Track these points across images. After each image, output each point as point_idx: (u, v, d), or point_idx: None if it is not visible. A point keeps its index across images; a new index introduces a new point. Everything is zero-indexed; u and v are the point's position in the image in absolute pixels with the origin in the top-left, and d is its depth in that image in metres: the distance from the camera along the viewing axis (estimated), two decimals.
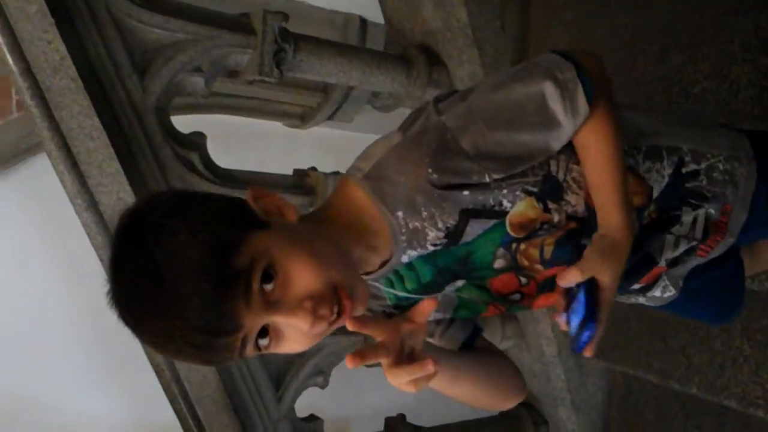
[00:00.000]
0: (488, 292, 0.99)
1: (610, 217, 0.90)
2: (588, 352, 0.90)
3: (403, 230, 0.89)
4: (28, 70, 1.36)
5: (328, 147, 2.74)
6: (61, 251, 2.43)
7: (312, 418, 1.93)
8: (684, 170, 1.01)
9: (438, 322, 1.02)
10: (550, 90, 0.86)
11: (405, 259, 0.92)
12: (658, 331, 2.06)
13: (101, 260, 1.51)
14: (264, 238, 0.79)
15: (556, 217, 0.92)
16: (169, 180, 1.54)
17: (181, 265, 0.74)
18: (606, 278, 0.88)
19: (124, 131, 1.48)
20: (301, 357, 1.82)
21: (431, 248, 0.91)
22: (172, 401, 1.66)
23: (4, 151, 2.49)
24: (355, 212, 0.90)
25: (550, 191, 0.92)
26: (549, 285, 0.98)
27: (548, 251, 0.95)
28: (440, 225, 0.89)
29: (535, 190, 0.90)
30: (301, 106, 2.79)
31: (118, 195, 1.46)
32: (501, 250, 0.94)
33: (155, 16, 1.49)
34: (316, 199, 1.81)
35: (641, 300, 1.15)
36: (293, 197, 1.76)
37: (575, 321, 0.89)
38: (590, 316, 0.88)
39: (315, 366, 1.84)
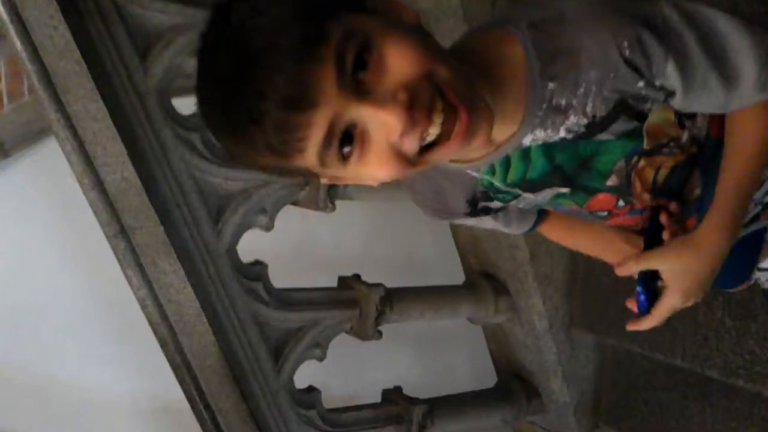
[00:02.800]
0: (579, 205, 0.96)
1: (717, 216, 0.87)
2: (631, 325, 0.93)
3: (545, 105, 0.79)
4: (35, 54, 1.42)
5: None
6: (70, 231, 2.50)
7: (310, 389, 2.00)
8: None
9: (472, 214, 0.99)
10: (752, 52, 0.80)
11: (527, 141, 0.83)
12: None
13: (107, 237, 1.58)
14: (366, 20, 0.69)
15: (684, 135, 0.88)
16: (171, 160, 1.61)
17: (261, 18, 0.66)
18: (672, 285, 0.87)
19: (127, 113, 1.54)
20: (298, 330, 1.89)
21: (562, 134, 0.83)
22: (176, 371, 1.73)
23: (18, 134, 2.54)
24: (497, 62, 0.78)
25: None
26: (638, 211, 0.96)
27: (662, 174, 0.91)
28: (588, 110, 0.80)
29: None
30: None
31: (122, 174, 1.52)
32: (622, 162, 0.88)
33: (155, 0, 1.55)
34: None
35: None
36: None
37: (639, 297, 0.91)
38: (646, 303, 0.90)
39: (313, 339, 1.91)
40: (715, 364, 1.98)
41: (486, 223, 1.05)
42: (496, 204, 0.98)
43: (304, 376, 1.97)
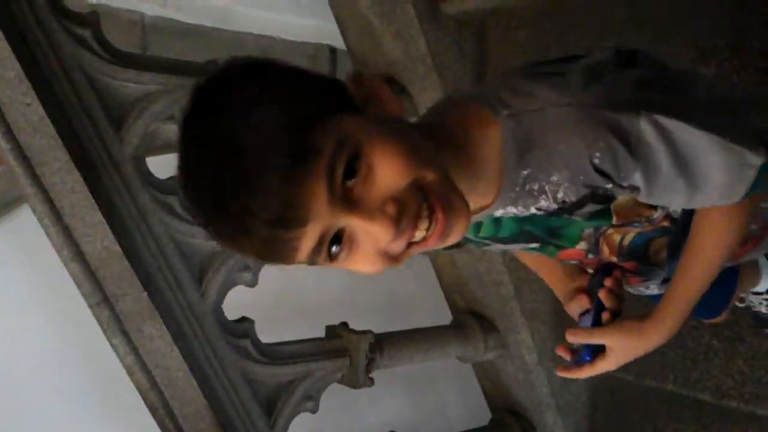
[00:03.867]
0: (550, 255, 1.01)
1: (667, 308, 0.96)
2: (559, 370, 1.06)
3: (517, 188, 0.82)
4: (9, 132, 1.42)
5: None
6: (51, 299, 2.47)
7: None
8: None
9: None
10: (726, 164, 0.80)
11: (499, 213, 0.86)
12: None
13: (90, 306, 1.57)
14: (354, 122, 0.69)
15: (656, 213, 0.91)
16: (150, 225, 1.61)
17: (249, 132, 0.65)
18: (613, 356, 0.98)
19: (104, 183, 1.55)
20: (289, 384, 1.89)
21: (532, 211, 0.86)
22: None
23: None
24: (472, 143, 0.80)
25: None
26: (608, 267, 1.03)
27: (628, 239, 0.96)
28: (559, 197, 0.83)
29: None
30: None
31: (102, 243, 1.53)
32: (590, 230, 0.93)
33: (127, 71, 1.56)
34: None
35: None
36: None
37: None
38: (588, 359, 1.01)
39: (305, 391, 1.90)
40: (707, 387, 1.99)
41: None
42: (466, 245, 1.03)
43: (298, 426, 1.95)
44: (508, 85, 0.81)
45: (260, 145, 0.64)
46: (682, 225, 0.94)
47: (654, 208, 0.91)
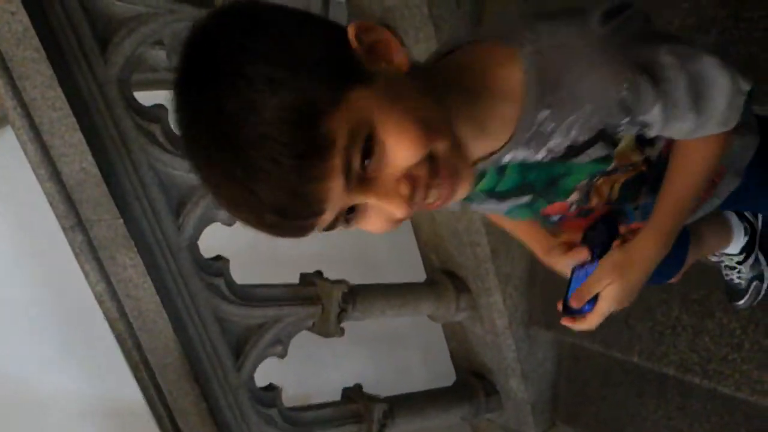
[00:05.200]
0: (534, 215, 1.02)
1: (652, 234, 0.96)
2: (567, 321, 1.02)
3: (533, 129, 0.81)
4: None
5: None
6: (22, 227, 2.43)
7: (270, 387, 1.98)
8: None
9: None
10: (726, 97, 0.84)
11: (507, 158, 0.85)
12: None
13: (63, 229, 1.53)
14: (365, 98, 0.66)
15: (636, 157, 0.94)
16: (131, 151, 1.57)
17: (258, 125, 0.62)
18: (613, 290, 0.96)
19: (86, 102, 1.50)
20: (260, 327, 1.87)
21: (542, 154, 0.86)
22: (134, 369, 1.69)
23: None
24: (491, 82, 0.79)
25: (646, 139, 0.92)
26: (586, 214, 1.04)
27: (616, 189, 0.98)
28: (572, 134, 0.83)
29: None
30: None
31: (80, 165, 1.48)
32: (585, 181, 0.94)
33: None
34: None
35: None
36: None
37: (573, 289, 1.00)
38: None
39: (274, 336, 1.88)
40: (672, 361, 2.01)
41: None
42: (454, 206, 1.01)
43: (263, 374, 1.94)
44: (527, 25, 0.79)
45: (272, 139, 0.62)
46: (659, 173, 0.97)
47: (642, 151, 0.93)
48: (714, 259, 1.75)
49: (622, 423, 2.30)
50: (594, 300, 0.98)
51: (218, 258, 1.81)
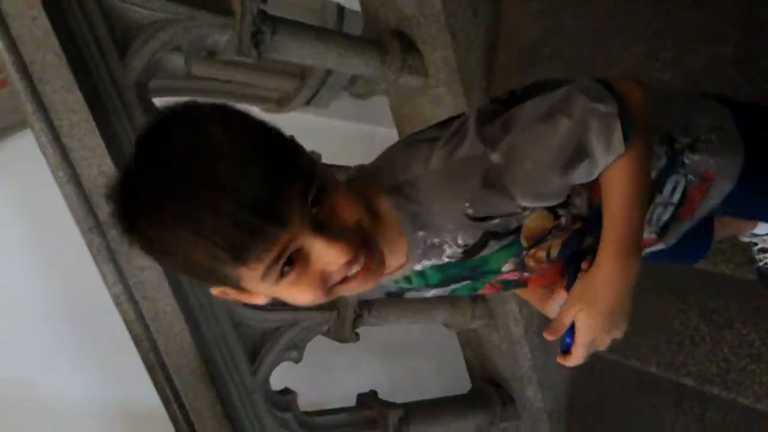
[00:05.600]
0: (484, 287, 1.06)
1: (606, 254, 0.93)
2: (559, 358, 1.01)
3: (421, 246, 0.92)
4: (12, 45, 1.39)
5: (304, 133, 2.79)
6: (39, 230, 2.45)
7: (286, 391, 1.98)
8: (677, 146, 1.05)
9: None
10: (593, 126, 0.85)
11: (418, 267, 0.96)
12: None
13: (82, 231, 1.55)
14: (318, 167, 0.79)
15: (564, 221, 0.96)
16: None
17: (241, 145, 0.73)
18: (582, 317, 0.93)
19: (105, 106, 1.52)
20: (276, 331, 1.88)
21: (446, 260, 0.95)
22: (151, 371, 1.70)
23: None
24: (378, 214, 0.90)
25: (560, 204, 0.94)
26: (544, 271, 1.04)
27: (555, 251, 0.99)
28: (460, 242, 0.92)
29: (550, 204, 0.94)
30: (278, 91, 2.82)
31: (99, 168, 1.50)
32: (513, 260, 0.97)
33: None
34: None
35: None
36: None
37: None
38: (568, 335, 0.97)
39: (290, 340, 1.89)
40: (690, 371, 1.99)
41: None
42: (409, 295, 1.07)
43: (278, 379, 1.95)
44: (393, 159, 0.94)
45: (245, 152, 0.72)
46: (598, 220, 0.95)
47: (557, 217, 0.95)
48: (745, 239, 1.70)
49: None
50: (570, 334, 0.97)
51: None
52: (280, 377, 1.95)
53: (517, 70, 2.14)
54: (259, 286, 0.78)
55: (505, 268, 0.99)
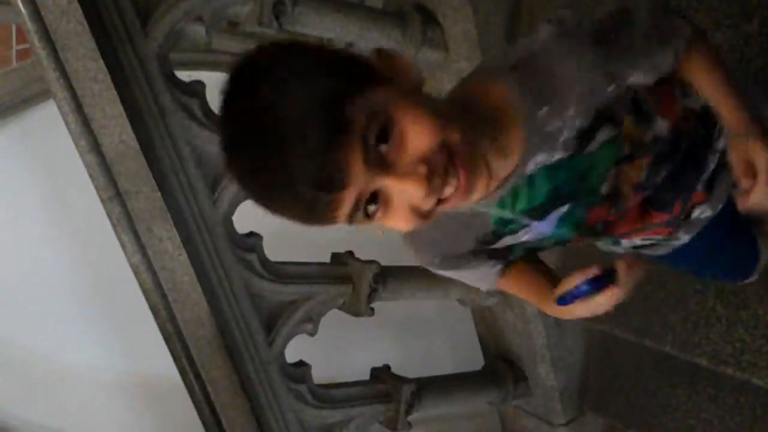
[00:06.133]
0: (580, 226, 1.05)
1: (731, 110, 1.02)
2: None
3: (540, 130, 0.90)
4: (36, 13, 1.40)
5: None
6: (58, 201, 2.47)
7: (300, 363, 2.00)
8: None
9: (475, 254, 1.07)
10: (650, 42, 0.95)
11: (531, 167, 0.92)
12: (638, 289, 2.14)
13: (102, 200, 1.56)
14: (384, 92, 0.75)
15: (645, 138, 1.00)
16: (170, 125, 1.59)
17: (288, 106, 0.71)
18: (756, 155, 0.99)
19: (127, 76, 1.53)
20: (291, 304, 1.89)
21: (560, 153, 0.93)
22: (167, 340, 1.72)
23: (4, 101, 2.52)
24: (490, 106, 0.88)
25: (643, 116, 0.99)
26: (626, 214, 1.08)
27: (643, 175, 1.03)
28: (577, 124, 0.91)
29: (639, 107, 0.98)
30: None
31: (120, 137, 1.51)
32: (612, 172, 0.99)
33: None
34: None
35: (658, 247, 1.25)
36: None
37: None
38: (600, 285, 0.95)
39: (306, 313, 1.90)
40: (705, 351, 1.99)
41: (458, 274, 1.15)
42: (504, 242, 1.05)
43: (293, 351, 1.96)
44: (500, 55, 0.94)
45: (300, 117, 0.70)
46: (672, 149, 1.04)
47: (645, 129, 1.00)
48: None
49: (652, 413, 2.28)
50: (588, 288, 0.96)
51: (252, 234, 1.83)
52: (294, 350, 1.96)
53: None
54: (356, 224, 0.79)
55: (604, 188, 1.00)
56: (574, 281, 0.96)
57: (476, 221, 1.00)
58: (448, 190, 0.78)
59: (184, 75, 1.71)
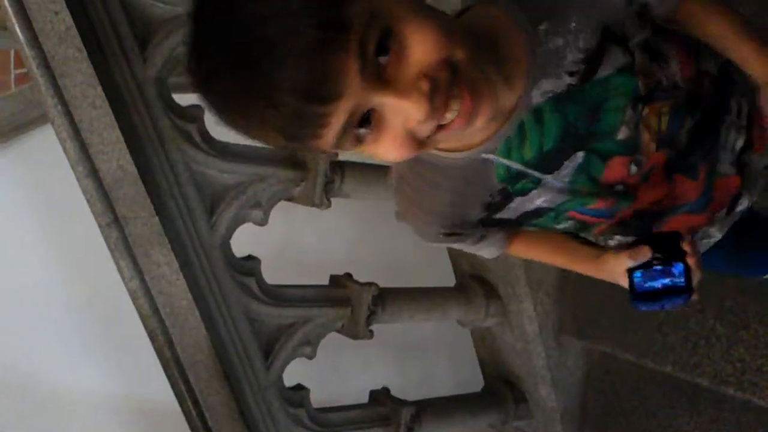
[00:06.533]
0: (598, 184, 0.96)
1: (757, 56, 0.98)
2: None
3: (542, 48, 0.84)
4: (35, 39, 1.40)
5: None
6: (55, 226, 2.46)
7: (299, 387, 1.99)
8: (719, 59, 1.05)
9: (476, 225, 1.01)
10: None
11: (537, 97, 0.86)
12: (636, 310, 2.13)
13: (100, 226, 1.56)
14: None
15: (664, 80, 0.93)
16: (168, 150, 1.59)
17: (277, 2, 0.61)
18: None
19: (125, 101, 1.53)
20: (290, 327, 1.88)
21: (566, 79, 0.86)
22: (165, 366, 1.70)
23: (2, 126, 2.52)
24: (490, 29, 0.83)
25: (654, 54, 0.93)
26: (650, 176, 0.99)
27: (664, 121, 0.95)
28: (581, 44, 0.85)
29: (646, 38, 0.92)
30: None
31: (118, 162, 1.51)
32: (629, 112, 0.91)
33: None
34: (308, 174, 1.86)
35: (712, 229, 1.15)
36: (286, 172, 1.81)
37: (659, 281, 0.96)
38: (684, 290, 0.95)
39: (304, 336, 1.89)
40: (705, 372, 1.98)
41: (462, 245, 1.07)
42: (515, 206, 0.96)
43: (291, 375, 1.95)
44: None
45: (288, 13, 0.61)
46: (692, 99, 0.97)
47: (659, 66, 0.92)
48: None
49: None
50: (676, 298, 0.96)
51: (250, 258, 1.83)
52: (292, 373, 1.95)
53: None
54: (343, 150, 0.71)
55: (621, 134, 0.91)
56: (647, 252, 0.95)
57: (481, 175, 0.91)
58: (449, 116, 0.71)
59: (183, 98, 1.71)
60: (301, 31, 0.61)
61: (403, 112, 0.68)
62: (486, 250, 1.12)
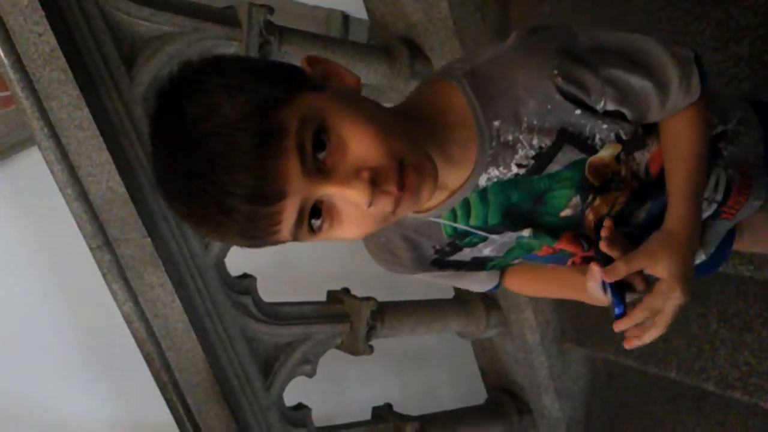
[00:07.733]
0: (553, 239, 0.96)
1: (678, 208, 0.88)
2: (616, 327, 0.90)
3: (494, 143, 0.84)
4: (18, 62, 1.37)
5: None
6: (48, 250, 2.44)
7: (300, 406, 1.96)
8: (714, 132, 1.01)
9: (458, 266, 1.01)
10: (670, 59, 0.87)
11: (483, 181, 0.87)
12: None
13: (91, 249, 1.53)
14: (316, 99, 0.72)
15: (623, 171, 0.92)
16: None
17: (216, 119, 0.67)
18: (659, 270, 0.84)
19: (113, 122, 1.50)
20: (288, 345, 1.85)
21: (514, 170, 0.87)
22: (163, 390, 1.67)
23: None
24: (440, 110, 0.84)
25: (633, 144, 0.91)
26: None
27: (616, 211, 0.94)
28: (534, 143, 0.85)
29: (625, 138, 0.89)
30: None
31: (107, 184, 1.48)
32: (576, 199, 0.91)
33: (143, 8, 1.51)
34: None
35: None
36: None
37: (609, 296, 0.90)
38: (619, 302, 0.88)
39: (303, 354, 1.86)
40: (711, 376, 1.96)
41: (443, 278, 1.07)
42: (465, 253, 0.98)
43: (291, 393, 1.92)
44: (461, 59, 0.89)
45: (229, 128, 0.67)
46: (655, 189, 0.95)
47: (619, 161, 0.91)
48: None
49: None
50: (618, 301, 0.88)
51: (245, 276, 1.80)
52: (293, 392, 1.92)
53: None
54: (302, 240, 0.75)
55: (564, 213, 0.92)
56: (595, 268, 0.87)
57: (431, 231, 0.94)
58: (391, 198, 0.73)
59: None
60: (241, 142, 0.66)
61: (349, 199, 0.72)
62: (474, 287, 1.12)
